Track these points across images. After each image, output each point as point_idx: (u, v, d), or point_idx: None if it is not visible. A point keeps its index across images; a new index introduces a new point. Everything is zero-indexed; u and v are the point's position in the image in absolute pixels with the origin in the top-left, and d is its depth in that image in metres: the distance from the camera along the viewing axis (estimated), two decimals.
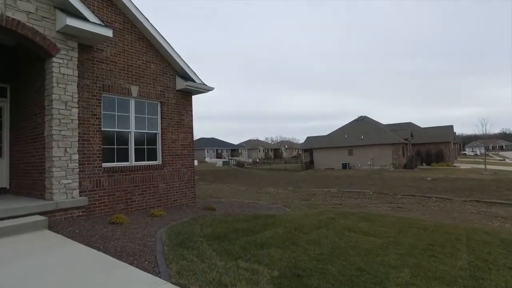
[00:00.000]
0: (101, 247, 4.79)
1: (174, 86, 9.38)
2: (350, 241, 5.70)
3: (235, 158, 71.12)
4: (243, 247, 4.95)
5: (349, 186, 24.75)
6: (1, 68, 8.11)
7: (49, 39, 6.49)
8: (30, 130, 7.34)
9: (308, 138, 62.72)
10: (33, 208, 6.04)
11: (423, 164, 47.69)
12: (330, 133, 53.70)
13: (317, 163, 50.34)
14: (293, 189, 22.71)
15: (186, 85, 9.26)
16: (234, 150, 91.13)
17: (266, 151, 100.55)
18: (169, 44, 8.98)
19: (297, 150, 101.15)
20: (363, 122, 51.21)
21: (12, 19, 6.04)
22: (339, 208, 12.10)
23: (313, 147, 52.33)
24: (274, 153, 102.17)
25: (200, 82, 9.78)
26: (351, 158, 47.03)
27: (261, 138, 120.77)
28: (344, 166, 46.13)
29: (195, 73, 9.68)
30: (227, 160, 58.46)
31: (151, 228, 6.00)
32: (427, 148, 49.89)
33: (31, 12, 6.30)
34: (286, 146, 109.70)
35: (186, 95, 9.70)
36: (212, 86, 10.11)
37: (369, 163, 44.98)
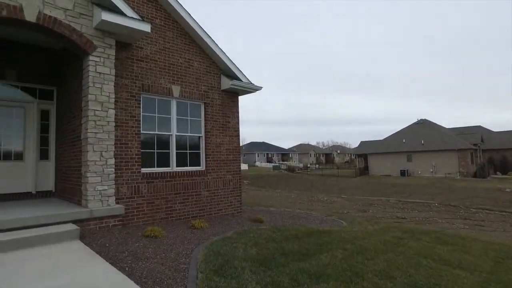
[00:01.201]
0: (127, 268, 4.09)
1: (219, 85, 8.69)
2: (432, 275, 4.42)
3: (286, 162, 69.91)
4: (294, 278, 3.95)
5: (410, 196, 22.49)
6: (49, 71, 8.00)
7: (86, 36, 6.08)
8: (70, 133, 7.05)
9: (362, 142, 59.65)
10: (67, 216, 5.60)
11: (497, 173, 42.62)
12: (387, 137, 50.40)
13: (372, 169, 47.44)
14: (347, 197, 21.12)
15: (232, 84, 8.51)
16: (284, 154, 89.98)
17: (317, 155, 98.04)
18: (213, 40, 8.31)
19: (349, 155, 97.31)
20: (423, 126, 47.33)
21: (49, 16, 5.70)
22: (404, 224, 10.53)
23: (367, 152, 49.46)
24: (325, 158, 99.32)
25: (247, 81, 8.98)
26: (410, 165, 43.55)
27: (312, 143, 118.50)
28: (403, 173, 42.82)
29: (241, 72, 8.91)
30: (277, 164, 57.48)
31: (188, 245, 5.23)
32: (501, 155, 44.61)
33: (68, 9, 5.93)
34: (338, 151, 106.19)
35: (231, 96, 8.96)
36: (260, 86, 9.26)
37: (431, 170, 41.24)
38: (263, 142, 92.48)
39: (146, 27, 6.44)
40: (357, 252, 5.28)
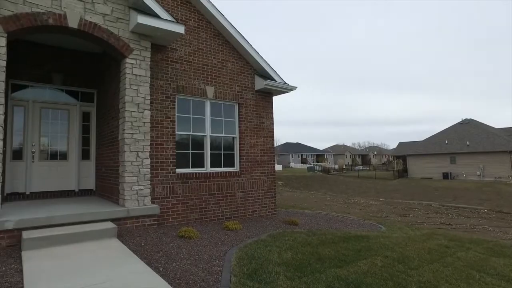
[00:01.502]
0: (161, 269, 4.09)
1: (253, 86, 8.61)
2: None
3: (321, 163, 68.78)
4: (331, 286, 3.75)
5: (454, 200, 21.19)
6: (90, 75, 8.33)
7: (123, 39, 6.23)
8: (108, 134, 7.27)
9: (400, 143, 57.32)
10: (105, 214, 5.75)
11: None
12: (427, 138, 48.00)
13: (411, 171, 45.37)
14: (385, 200, 20.29)
15: (266, 85, 8.39)
16: (319, 155, 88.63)
17: (353, 157, 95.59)
18: (247, 41, 8.24)
19: (387, 157, 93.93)
20: (468, 126, 44.52)
21: (90, 22, 5.91)
22: (449, 231, 9.86)
23: (407, 153, 47.36)
24: (361, 159, 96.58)
25: (281, 81, 8.83)
26: (453, 167, 41.11)
27: (348, 144, 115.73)
28: (445, 175, 40.51)
29: (275, 71, 8.77)
30: (312, 165, 56.63)
31: (222, 247, 5.18)
32: None
33: (106, 14, 6.11)
34: (375, 152, 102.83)
35: (265, 96, 8.85)
36: (295, 85, 9.07)
37: (478, 173, 38.66)
38: (297, 143, 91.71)
39: (180, 29, 6.50)
40: (399, 260, 4.95)
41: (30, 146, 7.56)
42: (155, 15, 6.28)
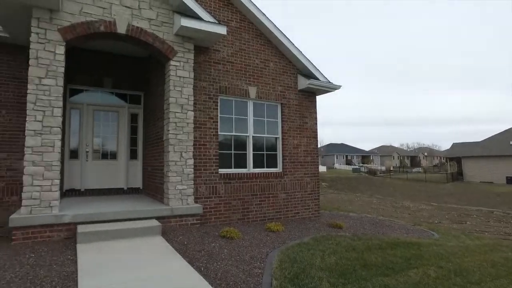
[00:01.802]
0: (202, 268, 4.11)
1: (296, 85, 8.46)
2: None
3: (366, 165, 66.43)
4: None
5: None
6: (138, 78, 8.70)
7: (167, 43, 6.40)
8: (154, 134, 7.52)
9: (454, 144, 53.60)
10: (150, 212, 5.94)
11: None
12: (487, 138, 44.35)
13: (467, 174, 42.16)
14: (437, 205, 19.01)
15: (309, 84, 8.21)
16: (365, 156, 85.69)
17: (401, 158, 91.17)
18: (289, 40, 8.12)
19: (439, 158, 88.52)
20: None
21: (136, 27, 6.14)
22: None
23: (462, 155, 44.12)
24: (410, 161, 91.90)
25: (324, 80, 8.59)
26: None
27: (395, 144, 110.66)
28: (509, 180, 37.12)
29: (318, 70, 8.55)
30: (357, 167, 54.87)
31: (263, 249, 5.11)
32: None
33: (152, 19, 6.32)
34: (426, 154, 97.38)
35: (309, 96, 8.65)
36: (339, 84, 8.78)
37: None
38: (342, 144, 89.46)
39: (222, 30, 6.54)
40: (455, 272, 4.54)
41: (85, 146, 8.06)
42: (198, 17, 6.38)
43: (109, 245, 4.82)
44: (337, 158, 78.86)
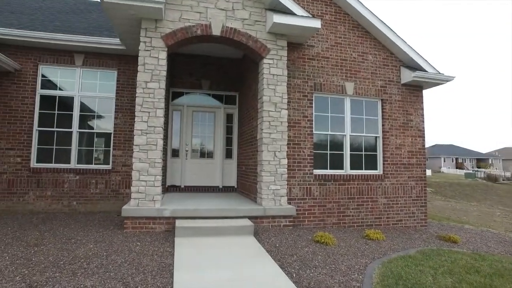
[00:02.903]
0: (294, 275, 3.85)
1: (398, 79, 7.61)
2: None
3: (483, 169, 57.65)
4: None
5: None
6: (232, 79, 8.93)
7: (260, 41, 6.35)
8: (248, 134, 7.57)
9: None
10: (243, 211, 5.95)
11: None
12: None
13: None
14: None
15: (415, 77, 7.28)
16: (480, 159, 74.67)
17: None
18: (390, 29, 7.33)
19: None
20: None
21: (230, 28, 6.23)
22: None
23: None
24: None
25: (433, 71, 7.53)
26: None
27: None
28: None
29: (426, 61, 7.54)
30: (471, 171, 47.97)
31: (361, 259, 4.61)
32: None
33: (245, 19, 6.34)
34: None
35: (414, 90, 7.70)
36: (451, 75, 7.60)
37: None
38: (450, 145, 79.73)
39: (316, 23, 6.21)
40: None
41: (184, 145, 8.60)
42: (291, 13, 6.18)
43: (203, 241, 4.92)
44: (444, 161, 70.51)
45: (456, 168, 66.17)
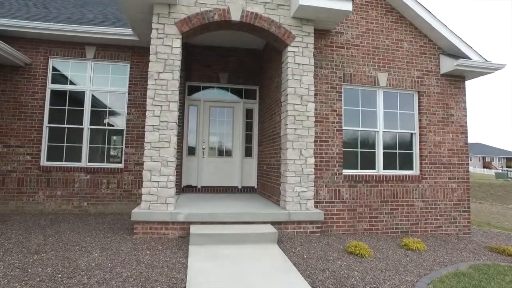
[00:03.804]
0: None
1: (437, 69, 6.81)
2: None
3: None
4: None
5: None
6: (252, 71, 8.32)
7: (284, 27, 5.71)
8: (270, 130, 6.95)
9: None
10: (265, 216, 5.34)
11: None
12: None
13: None
14: None
15: (457, 65, 6.47)
16: (511, 159, 71.32)
17: None
18: (429, 11, 6.54)
19: None
20: None
21: (251, 13, 5.63)
22: None
23: None
24: None
25: (479, 59, 6.70)
26: None
27: None
28: None
29: (470, 47, 6.71)
30: (503, 171, 45.55)
31: (405, 275, 3.92)
32: None
33: (267, 2, 5.73)
34: None
35: (455, 81, 6.88)
36: (502, 63, 6.73)
37: None
38: (477, 143, 76.55)
39: (347, 5, 5.52)
40: None
41: (201, 143, 8.06)
42: None
43: (220, 250, 4.35)
44: (471, 160, 67.69)
45: (484, 167, 63.39)
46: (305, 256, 4.35)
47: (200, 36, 7.48)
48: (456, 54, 6.75)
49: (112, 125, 7.40)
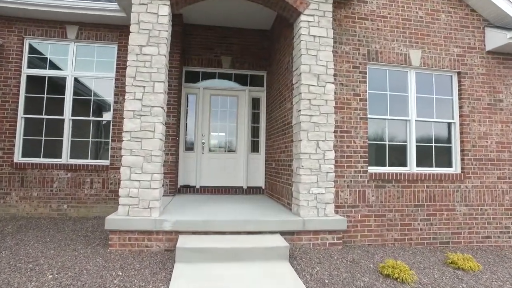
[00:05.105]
0: None
1: (482, 45, 5.64)
2: None
3: None
4: None
5: None
6: (258, 54, 7.23)
7: None
8: (280, 120, 5.88)
9: None
10: (274, 225, 4.27)
11: None
12: None
13: None
14: None
15: (510, 39, 5.29)
16: None
17: None
18: None
19: None
20: None
21: None
22: None
23: None
24: None
25: None
26: None
27: None
28: None
29: None
30: None
31: None
32: None
33: None
34: None
35: (505, 59, 5.70)
36: None
37: None
38: None
39: None
40: None
41: (200, 136, 7.00)
42: None
43: (214, 270, 3.31)
44: None
45: None
46: (326, 281, 3.27)
47: (199, 12, 6.47)
48: (508, 25, 5.57)
49: (97, 116, 6.43)
